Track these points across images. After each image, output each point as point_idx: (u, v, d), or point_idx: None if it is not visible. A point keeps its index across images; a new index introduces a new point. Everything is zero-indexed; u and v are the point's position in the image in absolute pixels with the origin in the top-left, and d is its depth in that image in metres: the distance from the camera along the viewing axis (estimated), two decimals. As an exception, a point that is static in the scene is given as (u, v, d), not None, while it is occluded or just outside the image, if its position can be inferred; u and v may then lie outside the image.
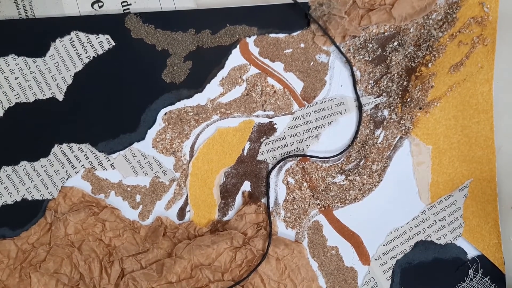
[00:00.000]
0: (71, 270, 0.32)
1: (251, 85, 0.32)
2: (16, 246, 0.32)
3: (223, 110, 0.33)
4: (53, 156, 0.32)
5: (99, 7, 0.31)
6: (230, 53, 0.32)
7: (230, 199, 0.33)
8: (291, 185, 0.33)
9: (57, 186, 0.32)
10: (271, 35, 0.32)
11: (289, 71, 0.33)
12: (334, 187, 0.33)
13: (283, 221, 0.34)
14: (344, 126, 0.33)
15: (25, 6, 0.31)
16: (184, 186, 0.33)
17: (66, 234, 0.32)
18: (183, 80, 0.32)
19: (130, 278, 0.32)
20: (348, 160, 0.33)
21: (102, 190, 0.32)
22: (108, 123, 0.32)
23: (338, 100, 0.33)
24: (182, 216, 0.33)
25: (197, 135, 0.33)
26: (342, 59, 0.33)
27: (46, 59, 0.31)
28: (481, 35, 0.32)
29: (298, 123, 0.33)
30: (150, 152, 0.32)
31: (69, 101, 0.32)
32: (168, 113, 0.32)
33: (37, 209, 0.32)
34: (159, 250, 0.33)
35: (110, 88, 0.32)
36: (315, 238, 0.34)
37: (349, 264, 0.34)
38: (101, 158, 0.32)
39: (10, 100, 0.31)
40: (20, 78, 0.31)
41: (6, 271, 0.32)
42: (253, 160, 0.33)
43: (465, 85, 0.33)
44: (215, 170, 0.33)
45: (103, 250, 0.32)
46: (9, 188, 0.32)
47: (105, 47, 0.31)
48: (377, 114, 0.33)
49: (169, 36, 0.32)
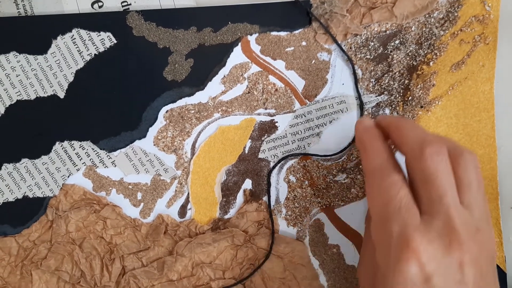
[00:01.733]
0: (72, 267, 0.32)
1: (252, 83, 0.32)
2: (17, 243, 0.32)
3: (224, 108, 0.33)
4: (55, 154, 0.32)
5: (99, 6, 0.31)
6: (232, 51, 0.32)
7: (231, 197, 0.33)
8: (292, 183, 0.33)
9: (58, 184, 0.32)
10: (272, 33, 0.32)
11: (290, 69, 0.33)
12: (336, 185, 0.33)
13: (284, 219, 0.34)
14: (345, 124, 0.33)
15: (25, 5, 0.31)
16: (185, 184, 0.33)
17: (67, 231, 0.32)
18: (185, 78, 0.32)
19: (131, 276, 0.32)
20: (350, 159, 0.33)
21: (103, 187, 0.32)
22: (109, 121, 0.32)
23: (340, 98, 0.33)
24: (183, 214, 0.33)
25: (198, 133, 0.33)
26: (343, 57, 0.33)
27: (47, 57, 0.31)
28: (483, 34, 0.32)
29: (299, 121, 0.33)
30: (151, 150, 0.32)
31: (70, 99, 0.32)
32: (170, 111, 0.32)
33: (38, 206, 0.32)
34: (160, 248, 0.33)
35: (111, 85, 0.32)
36: (316, 236, 0.34)
37: (350, 262, 0.34)
38: (102, 156, 0.32)
39: (12, 97, 0.31)
40: (21, 76, 0.31)
41: (7, 268, 0.32)
42: (254, 158, 0.33)
43: (466, 84, 0.33)
44: (217, 168, 0.33)
45: (104, 248, 0.32)
46: (10, 185, 0.32)
47: (107, 45, 0.31)
48: (379, 113, 0.33)
49: (170, 34, 0.32)
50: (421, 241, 0.21)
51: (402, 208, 0.22)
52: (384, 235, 0.23)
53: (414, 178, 0.24)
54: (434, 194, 0.22)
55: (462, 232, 0.22)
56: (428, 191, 0.23)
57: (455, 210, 0.22)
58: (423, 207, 0.23)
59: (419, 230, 0.22)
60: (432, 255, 0.21)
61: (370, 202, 0.25)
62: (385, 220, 0.23)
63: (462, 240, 0.21)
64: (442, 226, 0.22)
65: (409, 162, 0.24)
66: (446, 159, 0.23)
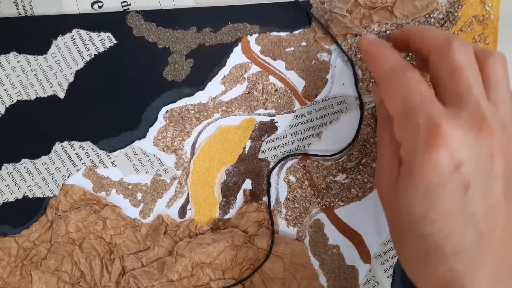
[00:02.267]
0: (72, 267, 0.32)
1: (252, 83, 0.32)
2: (17, 243, 0.32)
3: (224, 108, 0.33)
4: (54, 154, 0.32)
5: (99, 7, 0.31)
6: (232, 51, 0.32)
7: (231, 197, 0.33)
8: (292, 183, 0.33)
9: (58, 184, 0.32)
10: (272, 33, 0.32)
11: (290, 69, 0.33)
12: (335, 186, 0.33)
13: (284, 219, 0.34)
14: (345, 124, 0.33)
15: (25, 6, 0.31)
16: (185, 184, 0.33)
17: (67, 231, 0.32)
18: (185, 78, 0.32)
19: (131, 276, 0.32)
20: (349, 159, 0.33)
21: (103, 188, 0.32)
22: (109, 121, 0.32)
23: (340, 98, 0.33)
24: (183, 214, 0.33)
25: (198, 133, 0.33)
26: (343, 58, 0.33)
27: (47, 57, 0.31)
28: (483, 34, 0.32)
29: (299, 122, 0.33)
30: (151, 150, 0.32)
31: (70, 99, 0.32)
32: (169, 111, 0.32)
33: (38, 206, 0.32)
34: (160, 248, 0.33)
35: (111, 85, 0.32)
36: (316, 236, 0.34)
37: (350, 262, 0.34)
38: (102, 156, 0.32)
39: (12, 97, 0.31)
40: (21, 76, 0.31)
41: (7, 268, 0.32)
42: (254, 159, 0.33)
43: (466, 84, 0.33)
44: (216, 168, 0.33)
45: (104, 248, 0.32)
46: (10, 185, 0.32)
47: (107, 45, 0.31)
48: (379, 113, 0.33)
49: (170, 34, 0.32)
50: (451, 127, 0.20)
51: (425, 100, 0.22)
52: (409, 129, 0.22)
53: (438, 76, 0.23)
54: (462, 85, 0.22)
55: (491, 121, 0.21)
56: (455, 84, 0.22)
57: (484, 101, 0.21)
58: (448, 101, 0.22)
59: (447, 117, 0.21)
60: (462, 141, 0.21)
61: (388, 103, 0.23)
62: (408, 114, 0.22)
63: (492, 128, 0.21)
64: (471, 115, 0.21)
65: (433, 60, 0.23)
66: (472, 55, 0.23)
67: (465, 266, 0.21)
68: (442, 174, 0.21)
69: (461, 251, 0.21)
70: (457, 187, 0.21)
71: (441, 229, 0.21)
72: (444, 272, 0.21)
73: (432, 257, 0.22)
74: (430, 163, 0.21)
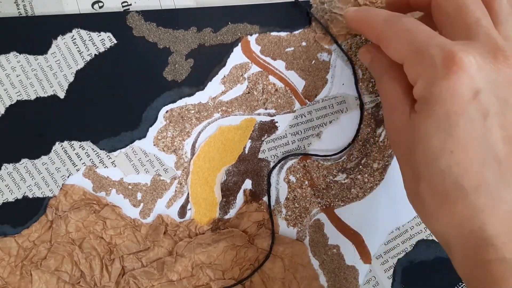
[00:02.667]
0: (72, 267, 0.32)
1: (252, 83, 0.32)
2: (17, 243, 0.32)
3: (224, 108, 0.33)
4: (54, 154, 0.32)
5: (99, 7, 0.31)
6: (232, 51, 0.32)
7: (231, 197, 0.33)
8: (292, 183, 0.33)
9: (58, 184, 0.32)
10: (272, 34, 0.32)
11: (290, 69, 0.33)
12: (336, 186, 0.33)
13: (284, 219, 0.33)
14: (345, 124, 0.33)
15: (25, 5, 0.31)
16: (185, 184, 0.33)
17: (67, 231, 0.32)
18: (185, 78, 0.32)
19: (130, 276, 0.32)
20: (349, 159, 0.33)
21: (103, 188, 0.32)
22: (109, 121, 0.32)
23: (340, 98, 0.33)
24: (183, 214, 0.33)
25: (198, 133, 0.33)
26: (343, 58, 0.33)
27: (47, 57, 0.31)
28: (483, 34, 0.32)
29: (299, 122, 0.33)
30: (151, 150, 0.32)
31: (70, 99, 0.32)
32: (170, 111, 0.32)
33: (38, 206, 0.32)
34: (160, 248, 0.33)
35: (111, 85, 0.32)
36: (316, 236, 0.34)
37: (350, 262, 0.34)
38: (102, 156, 0.32)
39: (12, 97, 0.31)
40: (21, 76, 0.31)
41: (7, 268, 0.32)
42: (254, 158, 0.33)
43: (466, 84, 0.33)
44: (216, 168, 0.33)
45: (104, 248, 0.32)
46: (10, 185, 0.32)
47: (107, 45, 0.31)
48: (379, 113, 0.33)
49: (170, 34, 0.32)
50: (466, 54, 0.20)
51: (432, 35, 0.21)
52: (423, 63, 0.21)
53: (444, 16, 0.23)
54: (470, 19, 0.21)
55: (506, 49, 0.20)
56: (463, 18, 0.21)
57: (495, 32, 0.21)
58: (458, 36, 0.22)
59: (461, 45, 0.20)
60: (480, 67, 0.20)
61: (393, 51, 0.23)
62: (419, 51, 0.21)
63: (508, 55, 0.20)
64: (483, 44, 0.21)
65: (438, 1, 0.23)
66: None
67: (486, 200, 0.20)
68: (461, 101, 0.20)
69: (481, 184, 0.20)
70: (476, 115, 0.20)
71: (460, 161, 0.20)
72: (464, 208, 0.20)
73: (450, 193, 0.21)
74: (448, 91, 0.20)
